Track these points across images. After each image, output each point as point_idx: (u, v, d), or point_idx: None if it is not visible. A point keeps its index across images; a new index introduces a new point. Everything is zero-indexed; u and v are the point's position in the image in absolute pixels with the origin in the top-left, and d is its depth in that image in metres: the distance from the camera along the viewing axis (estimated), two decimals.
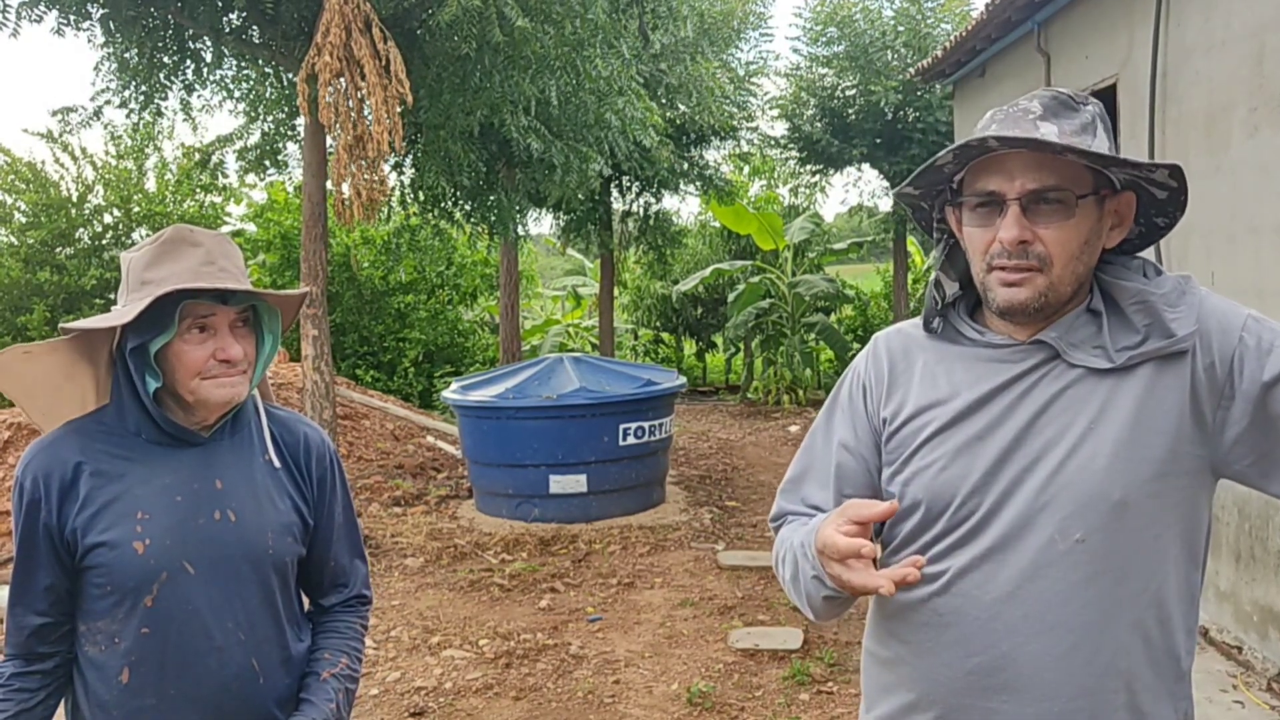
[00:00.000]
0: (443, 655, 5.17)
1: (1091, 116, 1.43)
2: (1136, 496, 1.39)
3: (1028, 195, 1.39)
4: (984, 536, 1.45)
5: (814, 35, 14.27)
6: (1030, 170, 1.39)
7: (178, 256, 1.68)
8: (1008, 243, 1.40)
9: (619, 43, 7.99)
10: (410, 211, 10.55)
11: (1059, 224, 1.40)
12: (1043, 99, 1.43)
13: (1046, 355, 1.46)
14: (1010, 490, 1.43)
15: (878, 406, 1.61)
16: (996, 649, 1.43)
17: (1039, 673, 1.41)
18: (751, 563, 6.67)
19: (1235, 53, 4.89)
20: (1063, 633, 1.40)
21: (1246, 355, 1.38)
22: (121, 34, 7.05)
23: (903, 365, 1.60)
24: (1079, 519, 1.40)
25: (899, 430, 1.56)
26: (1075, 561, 1.40)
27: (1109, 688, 1.41)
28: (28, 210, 12.28)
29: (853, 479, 1.63)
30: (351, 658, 1.90)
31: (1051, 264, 1.41)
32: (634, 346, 20.27)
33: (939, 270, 1.60)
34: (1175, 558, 1.42)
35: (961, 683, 1.46)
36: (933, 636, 1.48)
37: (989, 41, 8.17)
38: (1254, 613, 4.79)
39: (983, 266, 1.46)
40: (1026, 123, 1.41)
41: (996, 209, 1.43)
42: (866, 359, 1.67)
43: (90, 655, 1.72)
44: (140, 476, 1.71)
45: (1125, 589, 1.40)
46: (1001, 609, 1.42)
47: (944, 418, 1.50)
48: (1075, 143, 1.37)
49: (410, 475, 9.58)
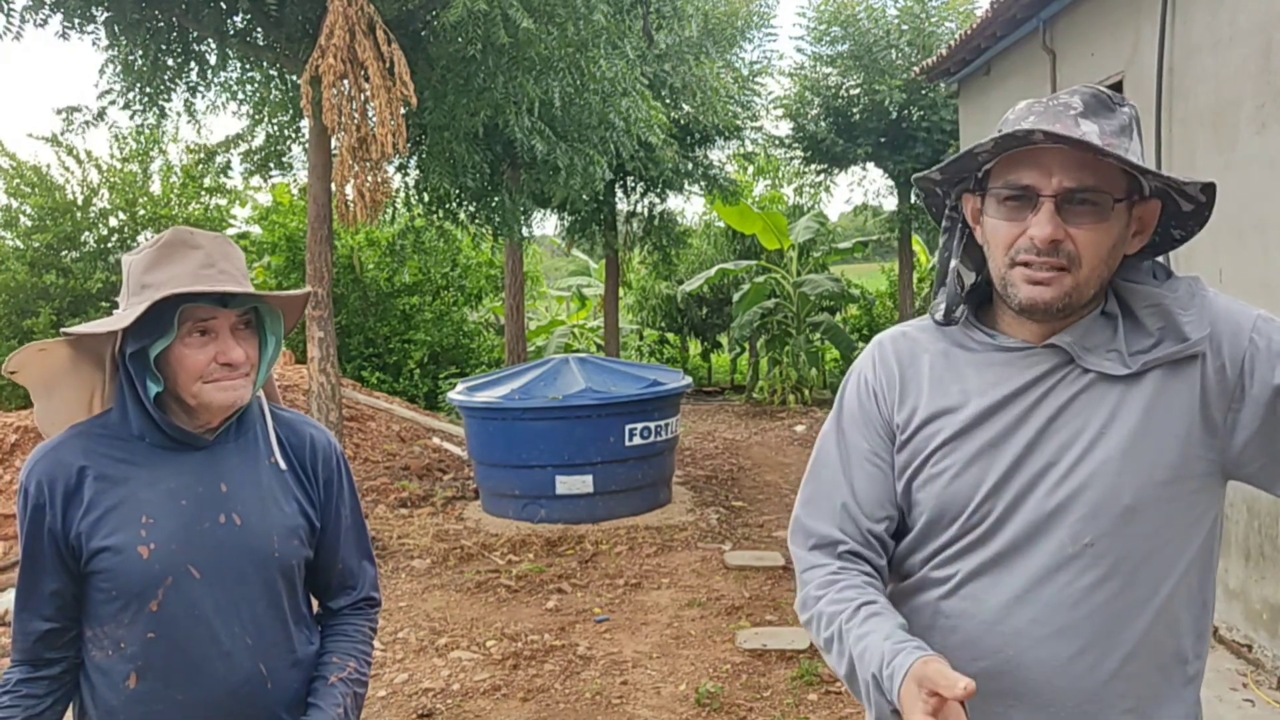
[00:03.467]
0: (450, 656, 5.17)
1: (1129, 119, 1.40)
2: (1147, 501, 1.37)
3: (1064, 193, 1.36)
4: (994, 541, 1.43)
5: (818, 34, 14.26)
6: (1070, 169, 1.36)
7: (177, 259, 1.67)
8: (1040, 240, 1.36)
9: (623, 43, 7.98)
10: (415, 213, 10.55)
11: (1092, 225, 1.36)
12: (1083, 95, 1.39)
13: (1060, 360, 1.44)
14: (1022, 496, 1.42)
15: (891, 410, 1.55)
16: (1002, 653, 1.42)
17: (1045, 678, 1.40)
18: (759, 563, 6.66)
19: (1242, 49, 4.87)
20: (1070, 637, 1.39)
21: (1257, 357, 1.37)
22: (126, 36, 7.07)
23: (911, 370, 1.56)
24: (1089, 523, 1.38)
25: (912, 438, 1.52)
26: (1084, 566, 1.38)
27: (1116, 692, 1.39)
28: (33, 214, 12.30)
29: (867, 487, 1.55)
30: (360, 661, 1.89)
31: (1080, 265, 1.37)
32: (639, 347, 20.27)
33: (957, 260, 1.54)
34: (1186, 562, 1.41)
35: None
36: (939, 639, 1.47)
37: (994, 39, 8.14)
38: (1264, 611, 4.76)
39: (1005, 261, 1.42)
40: (1068, 118, 1.36)
41: (1029, 204, 1.38)
42: (874, 363, 1.60)
43: (97, 660, 1.71)
44: (145, 480, 1.70)
45: (1134, 594, 1.39)
46: (1009, 613, 1.41)
47: (956, 425, 1.47)
48: (1115, 144, 1.34)
49: (416, 477, 9.58)
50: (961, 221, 1.55)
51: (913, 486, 1.51)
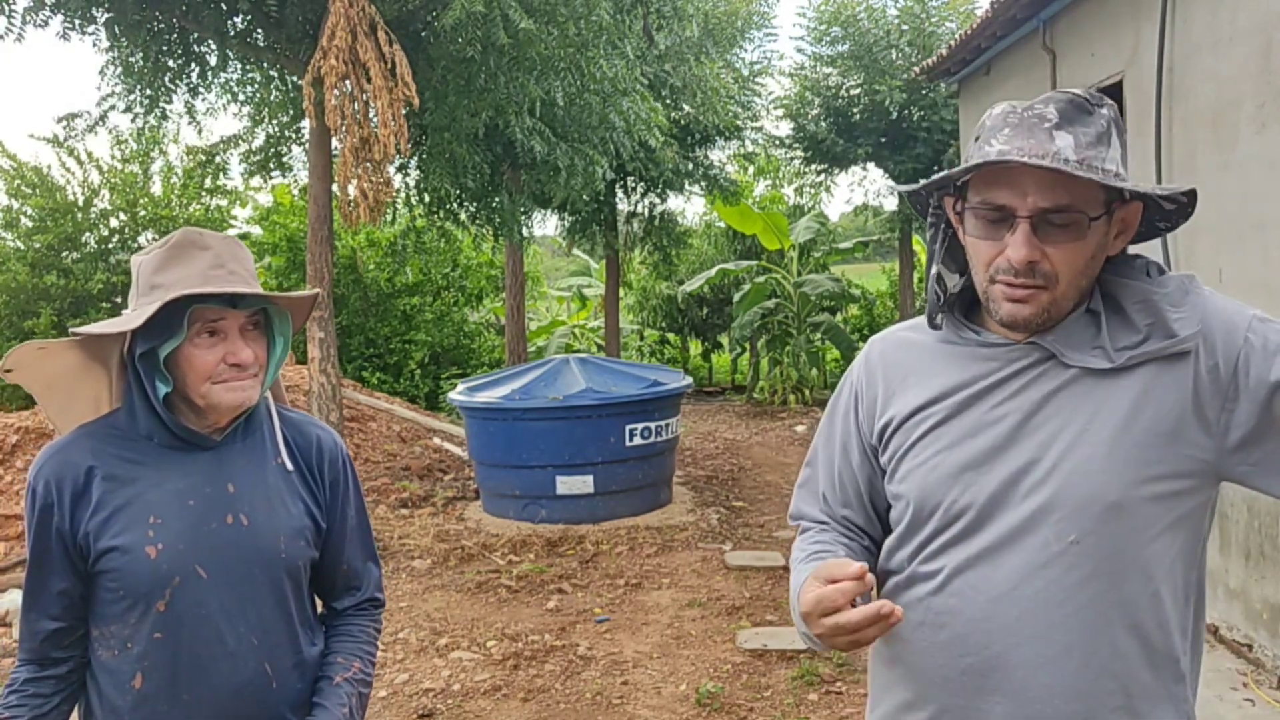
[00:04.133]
0: (451, 657, 5.18)
1: (1107, 122, 1.39)
2: (1133, 498, 1.37)
3: (1039, 214, 1.37)
4: (979, 536, 1.44)
5: (818, 35, 14.27)
6: (1044, 188, 1.36)
7: (186, 260, 1.67)
8: (1017, 262, 1.38)
9: (623, 44, 7.99)
10: (416, 213, 10.56)
11: (1068, 244, 1.38)
12: (1058, 104, 1.38)
13: (1041, 355, 1.45)
14: (1005, 491, 1.42)
15: (872, 410, 1.61)
16: (989, 649, 1.42)
17: (1032, 675, 1.40)
18: (759, 563, 6.67)
19: (1242, 49, 4.88)
20: (1057, 635, 1.39)
21: (1252, 356, 1.36)
22: (126, 38, 7.08)
23: (896, 371, 1.59)
24: (1074, 520, 1.38)
25: (895, 433, 1.55)
26: (1070, 563, 1.38)
27: (1105, 690, 1.39)
28: (34, 215, 12.30)
29: (842, 478, 1.67)
30: (364, 661, 1.90)
31: (1058, 282, 1.39)
32: (640, 347, 20.28)
33: (939, 264, 1.57)
34: (1174, 559, 1.41)
35: (955, 683, 1.45)
36: (928, 635, 1.48)
37: (994, 39, 8.15)
38: (1264, 610, 4.77)
39: (986, 277, 1.44)
40: (1042, 132, 1.36)
41: (1005, 223, 1.39)
42: (861, 366, 1.67)
43: (103, 660, 1.72)
44: (152, 480, 1.71)
45: (1121, 591, 1.39)
46: (996, 610, 1.41)
47: (937, 416, 1.50)
48: (1091, 157, 1.35)
49: (417, 477, 9.59)
50: (945, 222, 1.57)
51: (896, 479, 1.55)
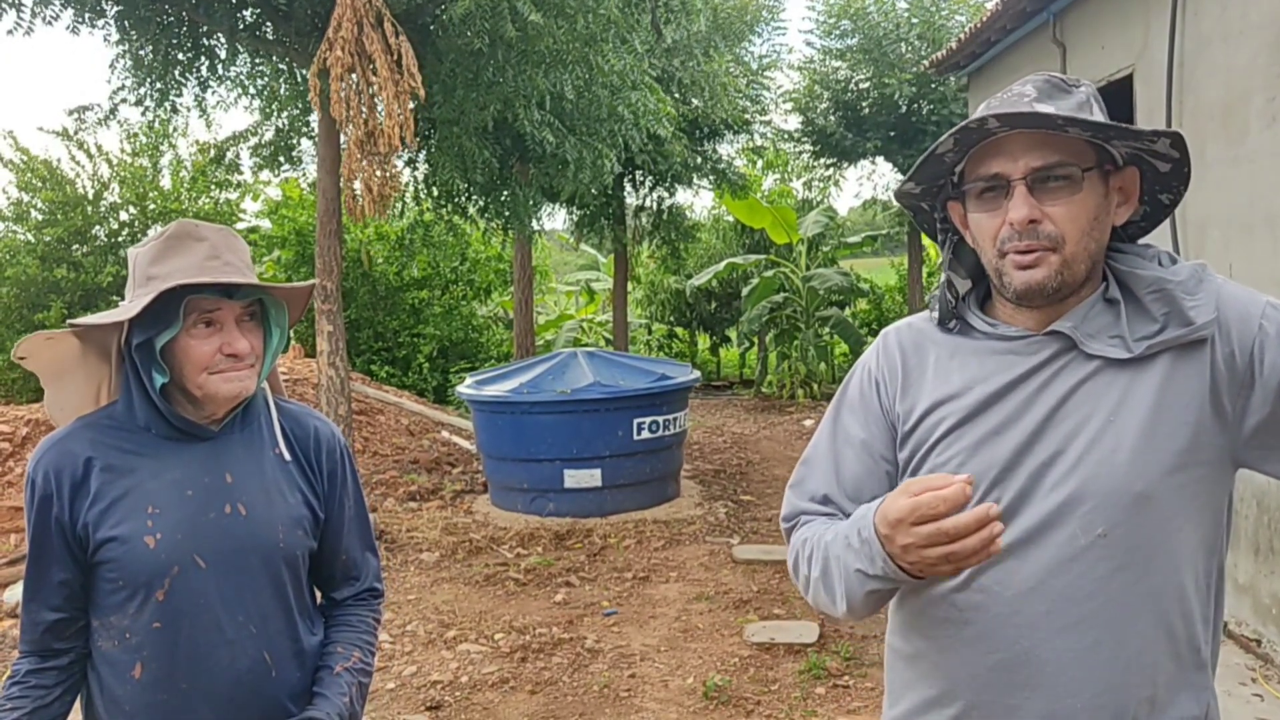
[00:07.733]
0: (458, 649, 5.18)
1: (1086, 96, 1.43)
2: (1158, 489, 1.37)
3: (1033, 174, 1.39)
4: (1005, 532, 1.42)
5: (827, 28, 14.21)
6: (1033, 149, 1.39)
7: (182, 251, 1.68)
8: (1018, 223, 1.39)
9: (632, 37, 7.97)
10: (424, 207, 10.57)
11: (1067, 200, 1.39)
12: (1035, 82, 1.43)
13: (1062, 346, 1.44)
14: (1030, 485, 1.41)
15: (893, 401, 1.57)
16: (1018, 645, 1.41)
17: (1062, 669, 1.39)
18: (766, 557, 6.66)
19: (1253, 42, 4.84)
20: (1086, 628, 1.38)
21: (1267, 343, 1.36)
22: (136, 31, 7.09)
23: (915, 360, 1.57)
24: (1101, 513, 1.37)
25: (915, 428, 1.53)
26: (1098, 556, 1.37)
27: (1133, 682, 1.38)
28: (44, 208, 12.35)
29: (854, 472, 1.58)
30: (364, 651, 1.90)
31: (1064, 241, 1.39)
32: (648, 341, 20.28)
33: (948, 270, 1.57)
34: (1195, 548, 1.40)
35: (984, 679, 1.44)
36: (953, 632, 1.46)
37: (1004, 33, 8.11)
38: (1273, 605, 4.75)
39: (995, 253, 1.44)
40: (1023, 105, 1.40)
41: (1003, 192, 1.41)
42: (877, 354, 1.63)
43: (104, 650, 1.72)
44: (150, 471, 1.71)
45: (1149, 582, 1.38)
46: (1023, 605, 1.40)
47: (959, 413, 1.47)
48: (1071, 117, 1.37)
49: (425, 470, 9.61)
50: (952, 229, 1.58)
51: (921, 475, 1.51)
